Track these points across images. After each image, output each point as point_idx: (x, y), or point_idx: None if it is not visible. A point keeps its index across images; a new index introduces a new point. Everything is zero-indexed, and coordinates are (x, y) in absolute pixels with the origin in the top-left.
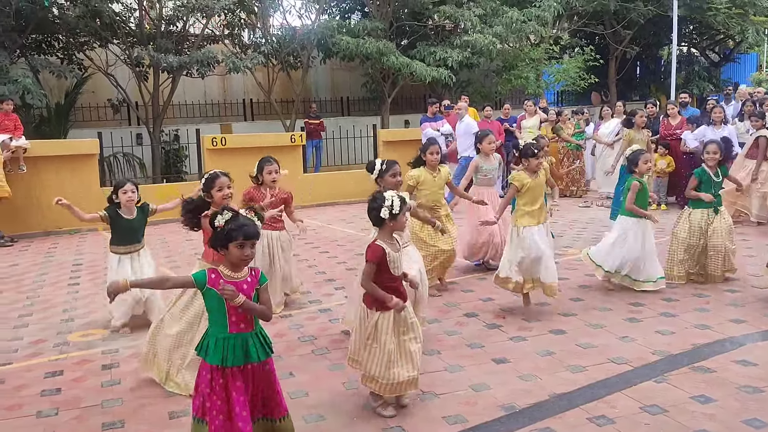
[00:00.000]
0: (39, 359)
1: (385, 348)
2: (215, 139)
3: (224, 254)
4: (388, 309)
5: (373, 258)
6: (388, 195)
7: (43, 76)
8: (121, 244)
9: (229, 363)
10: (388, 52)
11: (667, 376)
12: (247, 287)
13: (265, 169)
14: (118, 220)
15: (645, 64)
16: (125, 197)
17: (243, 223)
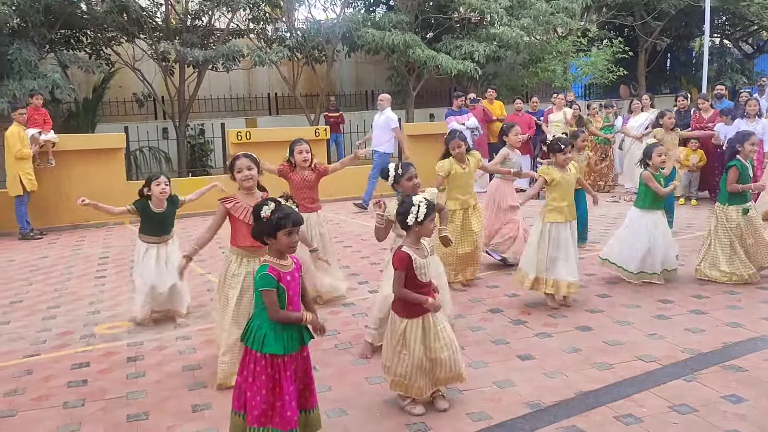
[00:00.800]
0: (66, 351)
1: (414, 355)
2: (240, 133)
3: (271, 243)
4: (415, 316)
5: (400, 266)
6: (416, 200)
7: (71, 71)
8: (151, 234)
9: (289, 350)
10: (414, 44)
11: (697, 375)
12: (297, 276)
13: (295, 149)
14: (147, 213)
15: (676, 55)
16: (158, 189)
17: (288, 211)
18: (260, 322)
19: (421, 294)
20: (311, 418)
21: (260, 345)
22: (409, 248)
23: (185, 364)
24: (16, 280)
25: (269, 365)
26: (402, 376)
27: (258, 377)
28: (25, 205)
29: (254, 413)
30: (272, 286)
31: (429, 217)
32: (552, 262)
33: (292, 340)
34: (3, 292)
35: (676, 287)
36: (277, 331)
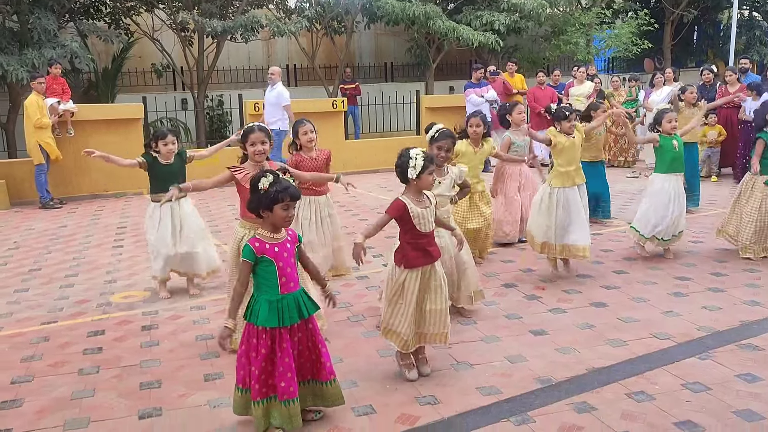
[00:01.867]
0: (83, 318)
1: (410, 306)
2: (257, 104)
3: (267, 216)
4: (415, 267)
5: (390, 212)
6: (413, 153)
7: (90, 40)
8: (161, 191)
9: (286, 323)
10: (435, 15)
11: (712, 353)
12: (290, 246)
13: (300, 131)
14: (156, 166)
15: (703, 28)
16: (166, 149)
17: (287, 184)
18: (257, 295)
19: (419, 244)
20: (327, 390)
21: (256, 318)
22: (407, 198)
23: (199, 333)
24: (36, 249)
25: (269, 337)
26: (393, 325)
27: (258, 351)
28: (45, 175)
29: (256, 387)
30: (248, 259)
31: (427, 170)
32: (563, 229)
33: (289, 312)
34: (23, 260)
35: (694, 264)
36: (272, 303)
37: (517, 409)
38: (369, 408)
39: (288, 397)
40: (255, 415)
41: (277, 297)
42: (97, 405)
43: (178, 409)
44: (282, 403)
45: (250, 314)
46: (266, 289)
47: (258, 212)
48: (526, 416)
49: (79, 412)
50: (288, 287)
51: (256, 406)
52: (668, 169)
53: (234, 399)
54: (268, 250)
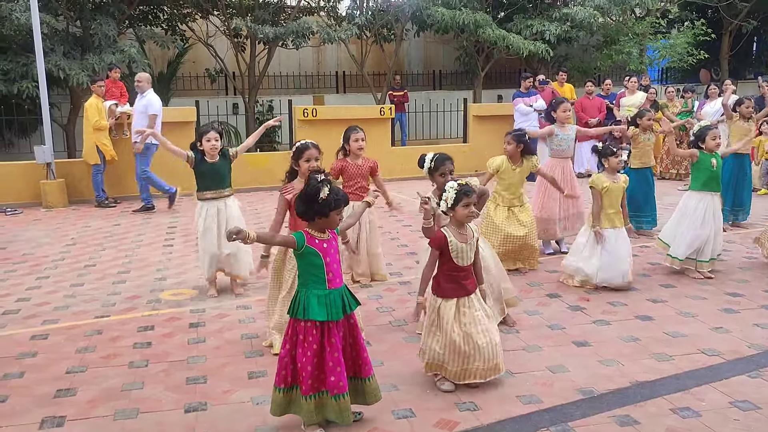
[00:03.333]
0: (133, 314)
1: (448, 336)
2: (306, 110)
3: (320, 221)
4: (450, 297)
5: (433, 243)
6: (447, 186)
7: (148, 46)
8: (207, 189)
9: (333, 317)
10: (485, 24)
11: (762, 372)
12: (335, 243)
13: (352, 137)
14: (202, 164)
15: (763, 39)
16: (209, 145)
17: (340, 191)
18: (305, 290)
19: (456, 277)
20: (367, 387)
21: (303, 312)
22: (449, 230)
23: (244, 332)
24: (91, 246)
25: (318, 332)
26: (434, 357)
27: (309, 346)
28: (101, 175)
29: (308, 382)
30: (298, 240)
31: (461, 203)
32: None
33: (335, 307)
34: (79, 256)
35: (747, 281)
36: (320, 297)
37: (557, 419)
38: (409, 411)
39: (339, 392)
40: (306, 410)
41: (324, 292)
42: (145, 397)
43: (223, 405)
44: (333, 398)
45: (298, 310)
46: (314, 285)
47: (312, 218)
48: (567, 427)
49: (128, 403)
50: (334, 283)
51: (308, 401)
52: (704, 186)
53: (273, 400)
54: (317, 244)
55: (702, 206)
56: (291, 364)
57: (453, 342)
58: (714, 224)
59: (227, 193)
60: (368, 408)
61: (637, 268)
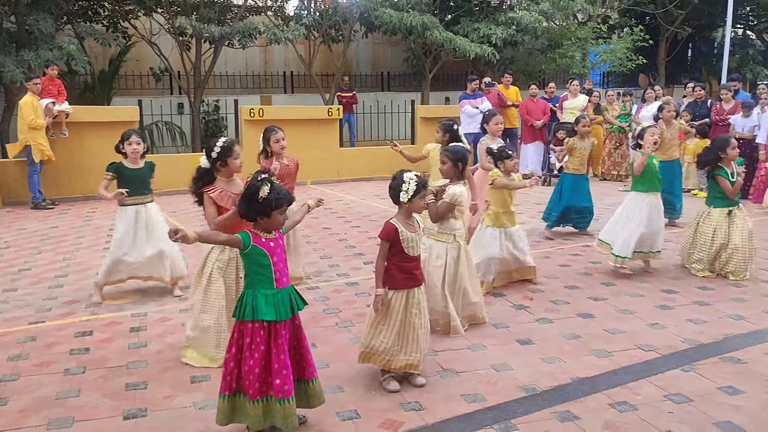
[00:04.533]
0: (71, 319)
1: (393, 327)
2: (252, 110)
3: (263, 221)
4: (399, 288)
5: (383, 236)
6: (406, 177)
7: (88, 43)
8: (128, 195)
9: (282, 317)
10: (432, 26)
11: (695, 365)
12: (281, 242)
13: (272, 138)
14: (123, 172)
15: (697, 45)
16: (130, 148)
17: (282, 190)
18: (251, 291)
19: (407, 267)
20: (312, 389)
21: (252, 313)
22: (398, 221)
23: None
24: (26, 249)
25: (266, 333)
26: (374, 348)
27: (257, 348)
28: (37, 175)
29: (255, 386)
30: (243, 239)
31: (419, 195)
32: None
33: (284, 306)
34: (13, 260)
35: (681, 278)
36: (268, 297)
37: (500, 417)
38: (354, 413)
39: (284, 396)
40: (254, 415)
41: (272, 291)
42: (81, 405)
43: (164, 410)
44: (278, 402)
45: (246, 311)
46: (261, 285)
47: (254, 219)
48: (510, 424)
49: (63, 411)
50: (282, 282)
51: (255, 406)
52: (648, 187)
53: (218, 408)
54: (264, 243)
55: (646, 206)
56: (236, 368)
57: (398, 332)
58: (659, 221)
59: (147, 199)
60: (312, 410)
61: (579, 267)
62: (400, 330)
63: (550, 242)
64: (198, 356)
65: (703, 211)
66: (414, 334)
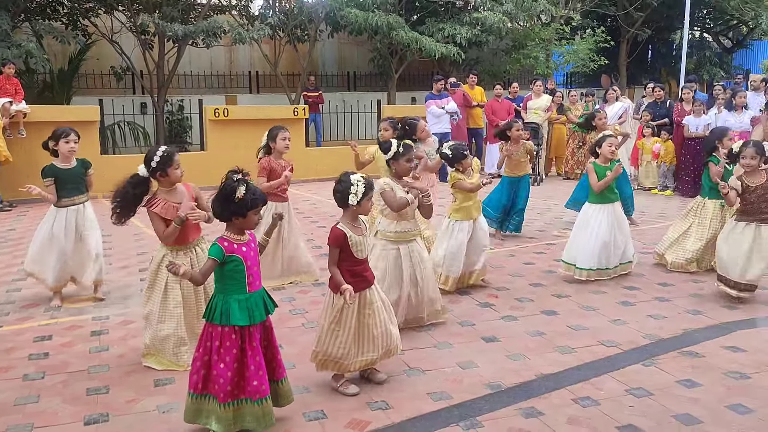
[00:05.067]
0: (29, 323)
1: (349, 332)
2: (217, 110)
3: (237, 222)
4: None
5: (333, 242)
6: (353, 179)
7: (46, 41)
8: (64, 196)
9: (256, 320)
10: (398, 26)
11: (655, 360)
12: (254, 246)
13: (279, 135)
14: (58, 173)
15: (657, 47)
16: (67, 147)
17: (257, 190)
18: (224, 296)
19: (356, 271)
20: (281, 389)
21: (227, 318)
22: (345, 225)
23: None
24: None
25: (239, 337)
26: (331, 356)
27: (228, 351)
28: None
29: (227, 389)
30: (217, 258)
31: (366, 196)
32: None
33: (258, 309)
34: None
35: (642, 275)
36: (241, 302)
37: (466, 414)
38: (320, 413)
39: (261, 396)
40: (224, 419)
41: (246, 295)
42: (40, 411)
43: (126, 415)
44: (255, 403)
45: (218, 316)
46: (234, 289)
47: (229, 219)
48: (475, 421)
49: (21, 418)
50: (254, 286)
51: (225, 408)
52: (603, 199)
53: (186, 406)
54: (237, 249)
55: (602, 216)
56: (203, 369)
57: (354, 336)
58: (620, 231)
59: (84, 199)
60: (279, 411)
61: (543, 265)
62: (356, 333)
63: (515, 241)
64: (159, 361)
65: (698, 203)
66: (369, 334)
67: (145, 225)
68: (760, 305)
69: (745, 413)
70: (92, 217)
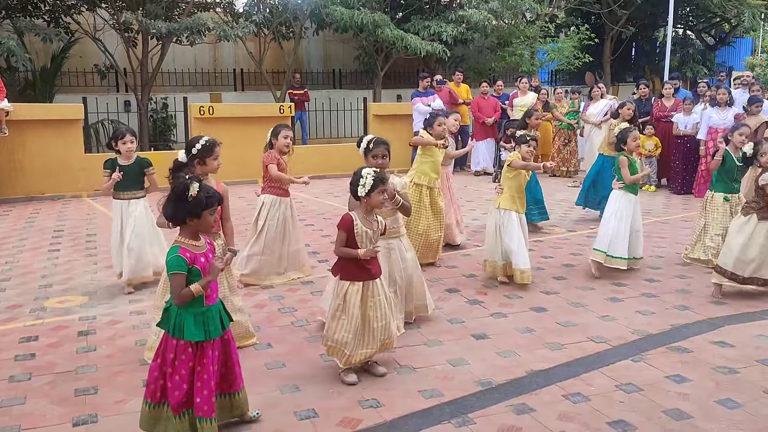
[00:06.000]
0: (15, 324)
1: (352, 320)
2: (203, 108)
3: (192, 224)
4: (356, 280)
5: (341, 225)
6: (364, 172)
7: (28, 39)
8: (121, 190)
9: (212, 335)
10: (383, 24)
11: (644, 356)
12: (212, 257)
13: (281, 133)
14: (116, 167)
15: (640, 45)
16: (125, 147)
17: (212, 189)
18: (177, 309)
19: (362, 261)
20: (237, 401)
21: (180, 332)
22: (356, 214)
23: (138, 338)
24: None
25: (193, 352)
26: (338, 342)
27: (183, 364)
28: None
29: (181, 399)
30: (183, 270)
31: (376, 189)
32: (508, 249)
33: (213, 323)
34: None
35: (630, 270)
36: (197, 316)
37: (457, 411)
38: (311, 412)
39: (203, 416)
40: (180, 428)
41: (202, 309)
42: (27, 413)
43: (115, 416)
44: (198, 420)
45: (174, 329)
46: (191, 302)
47: (184, 221)
48: (467, 418)
49: (8, 420)
50: (212, 299)
51: (181, 419)
52: (632, 189)
53: (141, 413)
54: (196, 260)
55: (632, 206)
56: (161, 379)
57: (357, 325)
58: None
59: (140, 194)
60: (270, 410)
61: (532, 262)
62: (360, 323)
63: None
64: None
65: (707, 197)
66: (370, 326)
67: None
68: (747, 301)
69: (734, 408)
70: (143, 212)
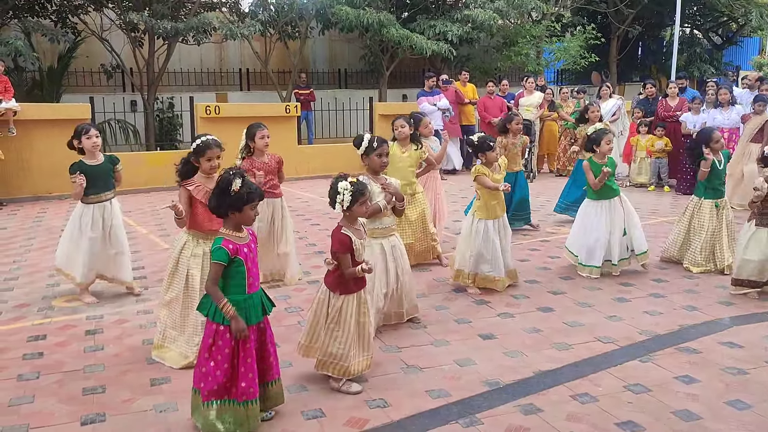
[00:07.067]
0: (22, 323)
1: (348, 332)
2: (209, 107)
3: (234, 217)
4: (352, 292)
5: (341, 249)
6: (340, 188)
7: (35, 39)
8: (91, 193)
9: (252, 321)
10: (389, 24)
11: (652, 356)
12: (254, 246)
13: (257, 134)
14: (86, 169)
15: (647, 44)
16: (90, 143)
17: (254, 185)
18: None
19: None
20: (271, 391)
21: (222, 317)
22: (348, 229)
23: (145, 337)
24: None
25: (232, 338)
26: (332, 356)
27: (220, 351)
28: None
29: (213, 388)
30: (224, 261)
31: (357, 203)
32: (478, 258)
33: (255, 310)
34: None
35: (636, 271)
36: (239, 303)
37: (465, 412)
38: (318, 412)
39: (248, 398)
40: (206, 416)
41: (244, 296)
42: (36, 411)
43: (123, 415)
44: (241, 405)
45: (213, 313)
46: (234, 290)
47: (226, 213)
48: (474, 418)
49: (17, 419)
50: (254, 287)
51: (207, 407)
52: (601, 195)
53: (192, 402)
54: (239, 250)
55: (602, 214)
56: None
57: (353, 336)
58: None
59: (110, 195)
60: (277, 409)
61: (538, 261)
62: (356, 333)
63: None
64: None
65: (695, 204)
66: (365, 332)
67: (137, 223)
68: (755, 301)
69: (744, 409)
70: (119, 214)
